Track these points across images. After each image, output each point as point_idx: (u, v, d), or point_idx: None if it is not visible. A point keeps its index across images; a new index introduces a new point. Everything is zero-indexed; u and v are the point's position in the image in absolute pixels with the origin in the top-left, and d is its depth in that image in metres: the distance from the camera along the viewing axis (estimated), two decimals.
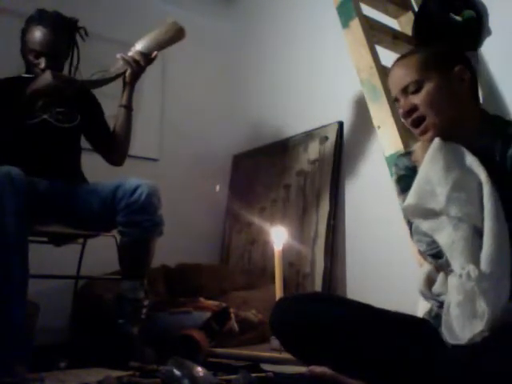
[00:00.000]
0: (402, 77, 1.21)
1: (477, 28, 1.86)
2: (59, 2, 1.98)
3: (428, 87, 1.18)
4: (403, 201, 1.18)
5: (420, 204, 1.10)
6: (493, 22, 1.85)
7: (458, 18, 1.84)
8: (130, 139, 1.94)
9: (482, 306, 0.97)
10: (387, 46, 1.97)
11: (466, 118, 1.19)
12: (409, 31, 2.03)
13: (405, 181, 1.24)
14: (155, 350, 1.67)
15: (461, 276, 1.00)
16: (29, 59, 1.79)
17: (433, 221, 1.09)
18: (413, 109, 1.19)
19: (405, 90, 1.20)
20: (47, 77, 1.67)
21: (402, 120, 1.25)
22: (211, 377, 1.28)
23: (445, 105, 1.17)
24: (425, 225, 1.11)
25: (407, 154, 1.30)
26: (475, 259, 1.01)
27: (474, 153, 1.13)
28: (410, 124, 1.21)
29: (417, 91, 1.19)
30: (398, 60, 1.26)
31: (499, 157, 1.14)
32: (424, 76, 1.18)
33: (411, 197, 1.12)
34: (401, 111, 1.22)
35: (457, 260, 1.03)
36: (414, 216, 1.14)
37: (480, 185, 1.06)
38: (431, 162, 1.12)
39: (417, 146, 1.24)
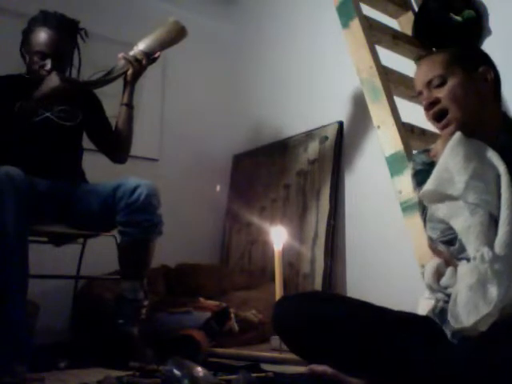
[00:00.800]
0: (427, 71, 1.23)
1: (477, 28, 1.86)
2: (60, 3, 1.98)
3: (452, 82, 1.19)
4: (419, 193, 1.20)
5: (438, 190, 1.13)
6: (493, 22, 1.85)
7: (457, 17, 1.85)
8: (132, 137, 1.94)
9: (492, 290, 0.99)
10: (387, 46, 1.97)
11: (487, 117, 1.21)
12: (409, 31, 2.04)
13: (421, 175, 1.25)
14: (155, 349, 1.67)
15: (475, 258, 1.02)
16: (33, 60, 1.79)
17: (450, 206, 1.11)
18: (435, 101, 1.21)
19: (429, 84, 1.22)
20: (55, 80, 1.67)
21: (424, 113, 1.26)
22: (211, 377, 1.28)
23: (467, 101, 1.19)
24: (441, 210, 1.13)
25: (425, 150, 1.31)
26: (490, 243, 1.03)
27: (495, 150, 1.14)
28: (431, 117, 1.23)
29: (441, 85, 1.20)
30: (424, 57, 1.29)
31: None
32: (449, 71, 1.20)
33: (430, 183, 1.14)
34: (424, 103, 1.24)
35: (472, 244, 1.05)
36: (431, 201, 1.16)
37: (498, 177, 1.09)
38: (451, 153, 1.14)
39: (437, 143, 1.25)
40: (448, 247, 1.16)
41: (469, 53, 1.28)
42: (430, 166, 1.23)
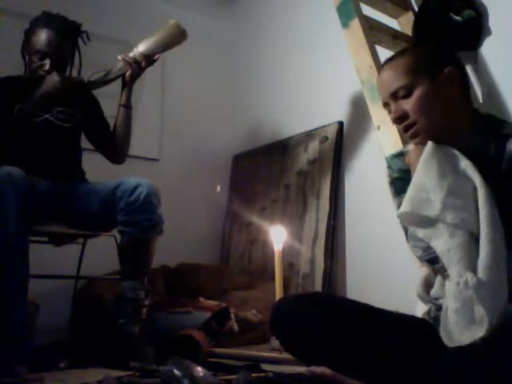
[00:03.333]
0: (390, 81, 1.19)
1: (477, 28, 1.86)
2: (61, 3, 1.98)
3: (418, 92, 1.16)
4: (398, 203, 1.17)
5: (415, 211, 1.09)
6: (493, 22, 1.85)
7: (457, 17, 1.84)
8: (131, 138, 1.95)
9: (480, 312, 0.97)
10: (387, 46, 1.97)
11: (458, 120, 1.17)
12: (409, 31, 2.03)
13: (398, 183, 1.23)
14: (155, 349, 1.67)
15: (458, 284, 0.99)
16: (32, 60, 1.79)
17: (428, 228, 1.07)
18: (403, 116, 1.18)
19: (394, 95, 1.19)
20: (55, 79, 1.68)
21: (394, 124, 1.24)
22: (211, 377, 1.28)
23: (435, 109, 1.16)
24: (420, 232, 1.09)
25: (400, 154, 1.28)
26: (472, 266, 1.00)
27: (468, 154, 1.11)
28: (402, 129, 1.20)
29: (407, 96, 1.17)
30: (387, 62, 1.24)
31: (494, 157, 1.13)
32: (413, 80, 1.16)
33: (406, 204, 1.10)
34: (392, 116, 1.21)
35: (454, 267, 1.02)
36: (409, 223, 1.13)
37: (475, 189, 1.05)
38: (425, 168, 1.11)
39: (410, 148, 1.23)
40: (432, 265, 1.13)
41: (433, 54, 1.23)
42: (406, 173, 1.20)
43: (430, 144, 1.13)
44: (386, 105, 1.23)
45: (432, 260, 1.11)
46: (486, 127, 1.18)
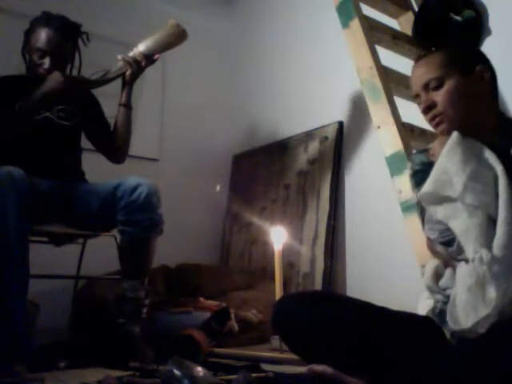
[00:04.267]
0: (423, 73, 1.23)
1: (477, 28, 1.86)
2: (62, 3, 1.98)
3: (449, 85, 1.19)
4: (417, 193, 1.20)
5: (436, 192, 1.12)
6: (493, 22, 1.85)
7: (457, 17, 1.85)
8: (131, 137, 1.95)
9: (491, 292, 0.99)
10: (387, 46, 1.97)
11: (484, 118, 1.21)
12: (409, 31, 2.04)
13: (420, 175, 1.25)
14: (155, 349, 1.67)
15: (473, 260, 1.02)
16: (32, 59, 1.79)
17: (448, 208, 1.11)
18: (432, 105, 1.21)
19: (426, 86, 1.22)
20: (58, 78, 1.68)
21: (422, 114, 1.25)
22: (211, 377, 1.28)
23: (464, 104, 1.19)
24: (440, 212, 1.13)
25: (424, 150, 1.31)
26: (488, 245, 1.03)
27: (491, 150, 1.14)
28: (429, 119, 1.23)
29: (438, 88, 1.20)
30: (420, 58, 1.28)
31: None
32: (445, 73, 1.20)
33: (428, 185, 1.14)
34: (421, 107, 1.24)
35: (470, 245, 1.05)
36: (429, 203, 1.16)
37: (496, 178, 1.08)
38: (449, 154, 1.14)
39: (435, 143, 1.25)
40: (446, 248, 1.16)
41: (465, 52, 1.27)
42: (428, 166, 1.22)
43: (455, 133, 1.16)
44: (416, 96, 1.26)
45: (447, 242, 1.14)
46: (510, 130, 1.21)
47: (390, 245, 2.08)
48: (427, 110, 1.22)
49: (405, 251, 1.71)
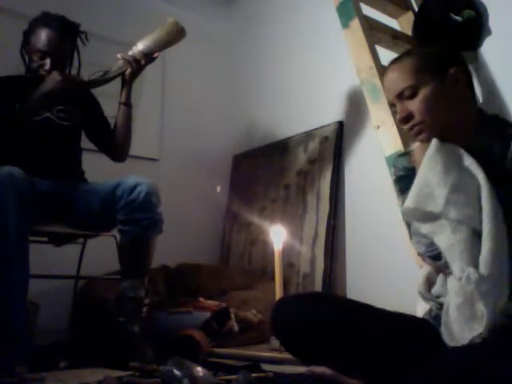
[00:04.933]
0: (396, 81, 1.20)
1: (477, 28, 1.85)
2: (61, 3, 1.98)
3: (423, 92, 1.17)
4: (402, 201, 1.18)
5: (419, 207, 1.10)
6: (493, 22, 1.85)
7: (457, 17, 1.84)
8: (131, 135, 1.95)
9: (480, 308, 0.97)
10: (387, 46, 1.97)
11: (463, 120, 1.18)
12: (409, 31, 2.03)
13: (403, 181, 1.24)
14: (155, 349, 1.67)
15: (460, 279, 1.00)
16: (33, 60, 1.80)
17: (432, 223, 1.09)
18: (408, 116, 1.19)
19: (400, 95, 1.20)
20: (56, 79, 1.68)
21: (400, 124, 1.25)
22: (211, 377, 1.28)
23: (441, 110, 1.17)
24: (424, 227, 1.11)
25: (405, 154, 1.30)
26: (474, 261, 1.01)
27: (472, 153, 1.12)
28: (408, 129, 1.22)
29: (412, 96, 1.18)
30: (392, 63, 1.25)
31: (498, 157, 1.13)
32: (419, 80, 1.17)
33: (410, 200, 1.12)
34: (398, 117, 1.22)
35: (456, 263, 1.03)
36: (413, 219, 1.14)
37: (478, 187, 1.06)
38: (429, 164, 1.12)
39: (415, 147, 1.24)
40: (435, 262, 1.14)
41: (438, 55, 1.23)
42: (411, 171, 1.21)
43: (434, 141, 1.15)
44: (392, 105, 1.25)
45: (435, 257, 1.12)
46: (491, 127, 1.19)
47: (390, 245, 2.08)
48: (404, 120, 1.19)
49: (405, 251, 1.71)
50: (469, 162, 1.10)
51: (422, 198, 1.10)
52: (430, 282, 1.19)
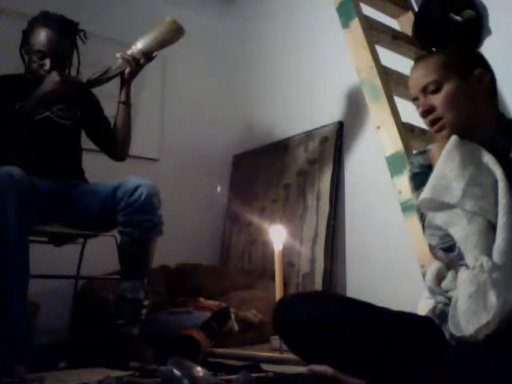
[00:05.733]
0: (422, 76, 1.22)
1: (477, 28, 1.86)
2: (60, 2, 1.98)
3: (447, 88, 1.19)
4: (417, 197, 1.20)
5: (435, 198, 1.12)
6: (493, 22, 1.85)
7: (457, 17, 1.85)
8: (131, 134, 1.95)
9: (492, 299, 0.98)
10: (387, 46, 1.97)
11: (483, 120, 1.20)
12: (409, 31, 2.04)
13: (419, 178, 1.25)
14: (155, 349, 1.67)
15: (474, 267, 1.01)
16: (32, 60, 1.79)
17: (447, 214, 1.10)
18: (430, 109, 1.20)
19: (424, 90, 1.21)
20: (56, 79, 1.68)
21: (421, 118, 1.25)
22: (211, 377, 1.28)
23: (462, 107, 1.18)
24: (439, 218, 1.12)
25: (423, 152, 1.30)
26: (488, 252, 1.02)
27: (490, 152, 1.14)
28: (427, 123, 1.23)
29: (436, 91, 1.20)
30: (418, 60, 1.27)
31: None
32: (444, 76, 1.19)
33: (427, 191, 1.13)
34: (419, 110, 1.23)
35: (471, 252, 1.04)
36: (428, 209, 1.15)
37: (495, 182, 1.08)
38: (447, 158, 1.14)
39: (433, 145, 1.25)
40: (448, 254, 1.15)
41: (464, 54, 1.26)
42: (427, 168, 1.22)
43: (453, 137, 1.16)
44: (415, 99, 1.26)
45: (448, 248, 1.14)
46: (510, 130, 1.20)
47: (390, 245, 2.08)
48: (426, 113, 1.21)
49: (405, 251, 1.71)
50: (487, 158, 1.12)
51: (439, 190, 1.12)
52: (440, 277, 1.21)
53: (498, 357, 0.92)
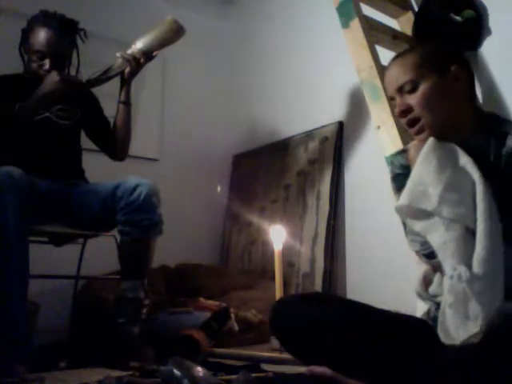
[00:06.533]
0: (397, 76, 1.21)
1: (477, 28, 1.85)
2: (59, 2, 1.98)
3: (424, 87, 1.17)
4: (398, 198, 1.18)
5: (412, 204, 1.10)
6: (493, 22, 1.85)
7: (457, 17, 1.84)
8: (131, 134, 1.95)
9: (475, 307, 0.97)
10: (387, 46, 1.97)
11: (461, 118, 1.19)
12: (409, 31, 2.03)
13: (400, 179, 1.24)
14: (155, 349, 1.67)
15: (452, 277, 1.00)
16: (32, 60, 1.79)
17: (425, 221, 1.08)
18: (408, 110, 1.19)
19: (400, 90, 1.20)
20: (55, 79, 1.68)
21: (398, 118, 1.25)
22: (211, 377, 1.28)
23: (440, 105, 1.17)
24: (417, 225, 1.10)
25: (403, 151, 1.29)
26: (467, 260, 1.00)
27: (469, 151, 1.12)
28: (406, 123, 1.22)
29: (412, 91, 1.18)
30: (394, 59, 1.26)
31: (493, 155, 1.14)
32: (420, 75, 1.18)
33: (404, 197, 1.11)
34: (396, 110, 1.22)
35: (448, 261, 1.02)
36: (406, 216, 1.14)
37: (473, 185, 1.06)
38: (424, 162, 1.12)
39: (411, 145, 1.24)
40: (429, 260, 1.14)
41: (440, 51, 1.24)
42: (408, 169, 1.20)
43: (430, 139, 1.15)
44: (392, 99, 1.25)
45: (429, 255, 1.12)
46: (488, 126, 1.19)
47: (390, 245, 2.08)
48: (403, 114, 1.20)
49: (405, 251, 1.70)
50: (464, 160, 1.10)
51: (415, 196, 1.10)
52: (427, 281, 1.19)
53: (498, 357, 0.92)
